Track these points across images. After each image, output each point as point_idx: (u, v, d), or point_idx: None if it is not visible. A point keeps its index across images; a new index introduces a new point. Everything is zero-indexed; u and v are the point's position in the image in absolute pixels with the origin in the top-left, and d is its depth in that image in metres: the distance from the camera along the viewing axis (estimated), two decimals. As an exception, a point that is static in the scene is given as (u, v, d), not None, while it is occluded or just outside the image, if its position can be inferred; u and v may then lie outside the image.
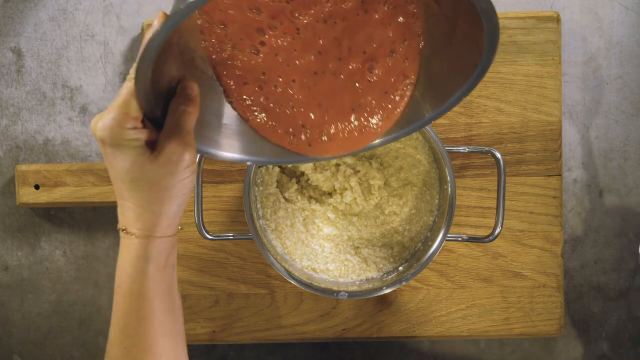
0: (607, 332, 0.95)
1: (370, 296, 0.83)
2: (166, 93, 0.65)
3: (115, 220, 0.94)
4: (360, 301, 0.91)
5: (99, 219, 0.94)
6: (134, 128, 0.63)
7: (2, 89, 0.93)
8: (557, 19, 0.89)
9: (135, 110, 0.63)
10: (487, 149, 0.85)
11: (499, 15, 0.89)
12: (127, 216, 0.67)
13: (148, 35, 0.58)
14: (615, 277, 0.95)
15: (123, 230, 0.67)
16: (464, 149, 0.86)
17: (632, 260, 0.95)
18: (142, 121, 0.64)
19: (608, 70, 0.93)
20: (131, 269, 0.66)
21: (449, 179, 0.83)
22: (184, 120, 0.65)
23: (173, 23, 0.55)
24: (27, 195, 0.90)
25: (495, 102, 0.90)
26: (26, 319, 0.94)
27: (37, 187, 0.90)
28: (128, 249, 0.67)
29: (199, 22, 0.66)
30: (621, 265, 0.95)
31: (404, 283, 0.83)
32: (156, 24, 0.62)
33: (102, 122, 0.63)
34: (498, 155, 0.84)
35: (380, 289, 0.83)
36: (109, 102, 0.93)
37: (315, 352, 0.95)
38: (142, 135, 0.64)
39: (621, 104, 0.94)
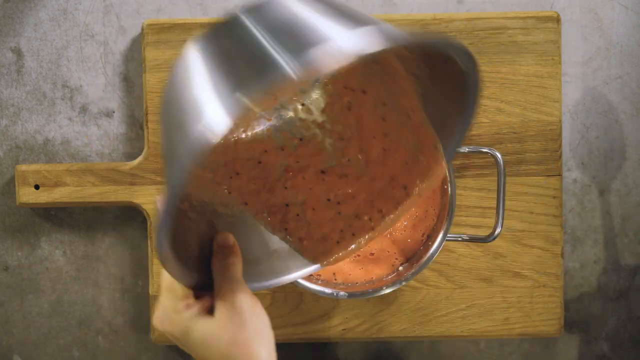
0: (607, 332, 0.95)
1: (370, 296, 0.83)
2: (204, 255, 0.64)
3: (115, 220, 0.94)
4: (360, 301, 0.91)
5: (99, 219, 0.94)
6: (188, 306, 0.62)
7: (2, 89, 0.93)
8: (557, 19, 0.89)
9: (181, 291, 0.62)
10: (486, 149, 0.85)
11: (499, 16, 0.89)
12: None
13: (156, 225, 0.58)
14: (615, 277, 0.95)
15: None
16: (464, 149, 0.86)
17: (632, 260, 0.95)
18: (195, 294, 0.63)
19: (608, 70, 0.93)
20: None
21: (449, 179, 0.83)
22: (231, 274, 0.64)
23: (171, 209, 0.54)
24: (27, 195, 0.90)
25: (495, 102, 0.90)
26: (26, 319, 0.94)
27: (37, 187, 0.90)
28: None
29: (209, 175, 0.66)
30: (621, 265, 0.95)
31: (404, 283, 0.83)
32: (159, 208, 0.59)
33: (156, 319, 0.63)
34: (498, 155, 0.84)
35: (380, 288, 0.83)
36: (109, 102, 0.93)
37: (315, 352, 0.95)
38: (197, 308, 0.63)
39: (621, 104, 0.94)
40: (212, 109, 0.50)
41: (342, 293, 0.83)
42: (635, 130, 0.94)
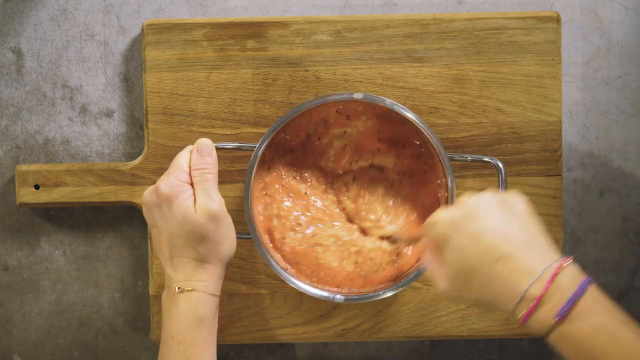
0: (607, 332, 0.95)
1: (367, 300, 0.83)
2: None
3: (115, 220, 0.94)
4: (359, 301, 0.91)
5: (99, 219, 0.94)
6: (188, 184, 0.79)
7: (2, 89, 0.93)
8: (557, 19, 0.89)
9: (187, 173, 0.79)
10: (489, 158, 0.84)
11: (499, 16, 0.89)
12: (183, 271, 0.79)
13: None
14: (615, 277, 0.95)
15: (179, 288, 0.78)
16: (467, 158, 0.85)
17: (632, 260, 0.95)
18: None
19: (608, 70, 0.93)
20: (187, 321, 0.78)
21: (448, 179, 0.83)
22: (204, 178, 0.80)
23: None
24: (27, 195, 0.90)
25: (495, 102, 0.90)
26: (26, 319, 0.95)
27: (37, 187, 0.90)
28: (185, 304, 0.78)
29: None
30: (621, 265, 0.95)
31: (400, 289, 0.83)
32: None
33: (159, 182, 0.79)
34: (500, 164, 0.83)
35: (377, 293, 0.83)
36: (109, 102, 0.93)
37: (315, 352, 0.95)
38: (192, 191, 0.79)
39: (621, 104, 0.93)
40: None
41: (338, 296, 0.83)
42: (635, 130, 0.94)
